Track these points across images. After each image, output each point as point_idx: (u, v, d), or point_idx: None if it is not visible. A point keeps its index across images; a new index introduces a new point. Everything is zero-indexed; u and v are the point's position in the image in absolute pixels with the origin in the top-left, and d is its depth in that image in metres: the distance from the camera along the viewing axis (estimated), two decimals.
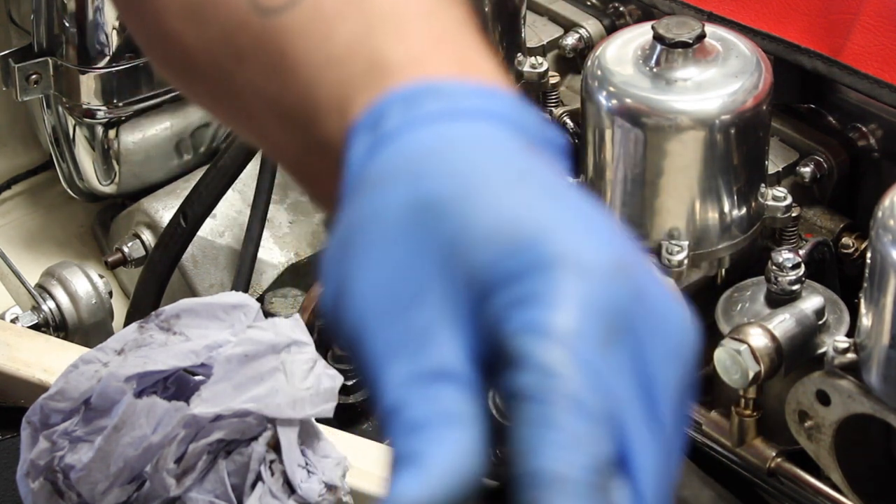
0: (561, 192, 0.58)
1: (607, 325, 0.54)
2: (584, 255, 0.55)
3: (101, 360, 1.08)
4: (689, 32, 1.18)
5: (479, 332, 0.55)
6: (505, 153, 0.59)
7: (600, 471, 0.52)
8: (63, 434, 1.05)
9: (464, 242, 0.55)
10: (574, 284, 0.54)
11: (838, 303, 1.18)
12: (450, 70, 0.62)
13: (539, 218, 0.55)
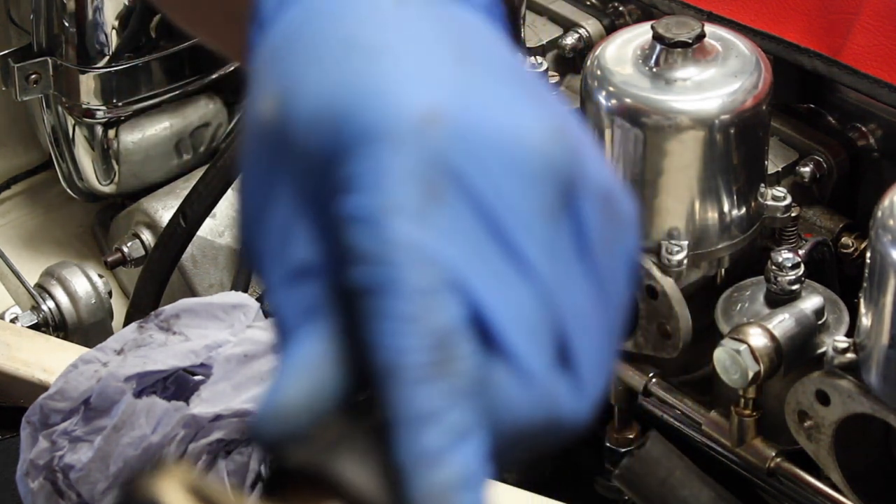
0: (431, 48, 0.53)
1: (428, 185, 0.49)
2: (404, 112, 0.50)
3: (100, 360, 1.08)
4: (689, 32, 1.18)
5: (329, 223, 0.51)
6: (379, 14, 0.54)
7: (442, 346, 0.49)
8: (63, 434, 1.05)
9: (292, 129, 0.52)
10: (388, 153, 0.50)
11: (838, 303, 1.18)
12: None
13: (365, 82, 0.51)
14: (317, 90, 0.52)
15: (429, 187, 0.50)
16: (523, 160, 0.51)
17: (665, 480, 1.25)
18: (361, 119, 0.50)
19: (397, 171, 0.50)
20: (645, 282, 1.20)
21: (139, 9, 1.50)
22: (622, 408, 1.34)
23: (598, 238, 0.53)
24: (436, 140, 0.50)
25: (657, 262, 1.20)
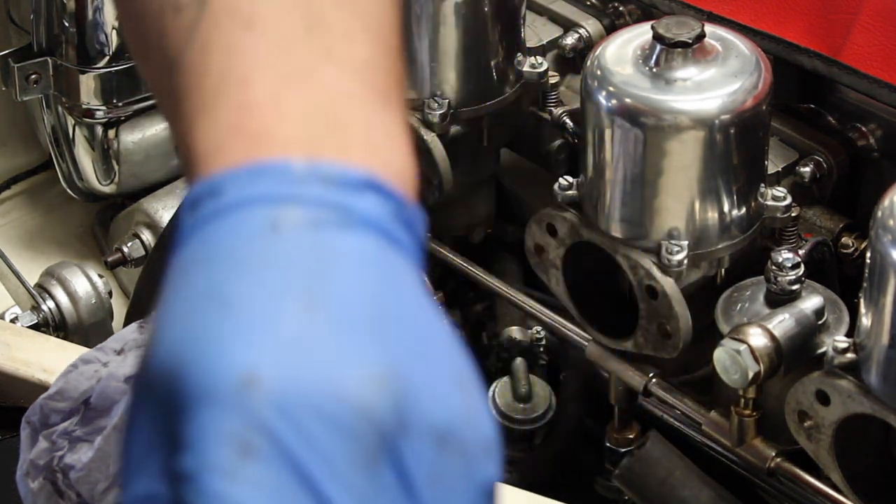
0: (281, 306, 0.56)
1: (242, 445, 0.54)
2: (225, 374, 0.55)
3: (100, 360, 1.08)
4: (689, 32, 1.18)
5: (171, 468, 0.56)
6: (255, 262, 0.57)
7: None
8: (63, 434, 1.05)
9: (149, 373, 0.57)
10: (208, 415, 0.54)
11: (838, 303, 1.18)
12: (245, 151, 0.60)
13: (202, 340, 0.56)
14: (169, 341, 0.57)
15: (243, 446, 0.54)
16: (336, 413, 0.54)
17: (665, 480, 1.25)
18: (191, 378, 0.55)
19: (214, 432, 0.54)
20: (645, 282, 1.20)
21: None
22: (622, 408, 1.34)
23: (430, 477, 0.56)
24: (252, 401, 0.54)
25: (657, 262, 1.20)
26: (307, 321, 0.56)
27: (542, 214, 1.27)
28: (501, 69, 1.42)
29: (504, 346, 1.52)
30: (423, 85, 1.41)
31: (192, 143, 0.62)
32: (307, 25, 0.64)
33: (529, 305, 1.43)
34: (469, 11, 1.38)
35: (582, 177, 1.25)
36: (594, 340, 1.30)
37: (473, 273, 1.48)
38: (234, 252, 0.57)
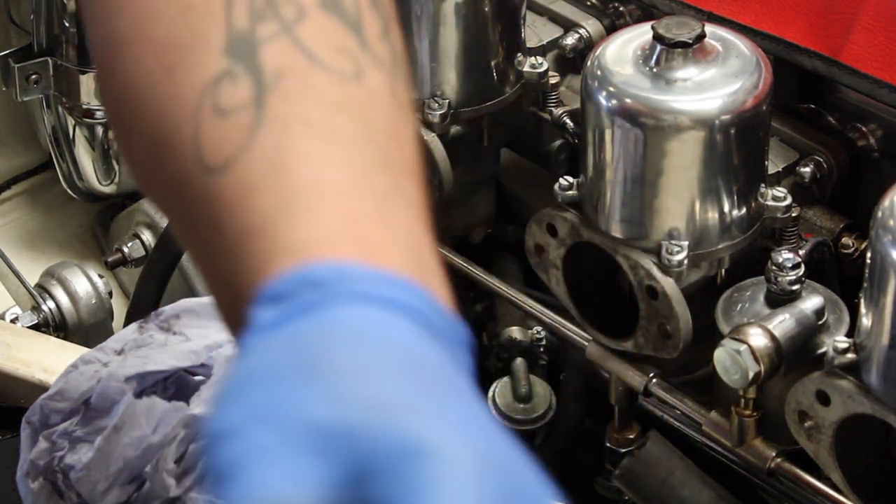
0: (437, 381, 0.59)
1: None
2: (453, 444, 0.55)
3: (100, 361, 1.08)
4: (689, 32, 1.18)
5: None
6: (373, 341, 0.60)
7: None
8: (63, 434, 1.05)
9: (330, 430, 0.56)
10: (448, 478, 0.54)
11: (838, 303, 1.18)
12: (352, 254, 0.63)
13: (398, 404, 0.56)
14: (357, 406, 0.57)
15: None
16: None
17: (665, 481, 1.25)
18: (409, 433, 0.56)
19: (462, 497, 0.54)
20: (645, 282, 1.20)
21: None
22: (622, 408, 1.34)
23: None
24: (495, 483, 0.55)
25: (657, 262, 1.20)
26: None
27: (542, 214, 1.27)
28: (501, 69, 1.42)
29: (504, 346, 1.51)
30: (423, 85, 1.41)
31: (269, 240, 0.63)
32: (377, 150, 0.67)
33: (529, 305, 1.43)
34: (469, 11, 1.38)
35: (582, 177, 1.25)
36: (594, 340, 1.30)
37: (473, 273, 1.48)
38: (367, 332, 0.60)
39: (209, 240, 0.67)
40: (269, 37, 0.68)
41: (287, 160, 0.65)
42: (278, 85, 0.66)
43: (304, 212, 0.64)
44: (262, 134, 0.66)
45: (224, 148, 0.66)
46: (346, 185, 0.65)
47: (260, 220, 0.64)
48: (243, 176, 0.65)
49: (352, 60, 0.69)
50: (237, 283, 0.65)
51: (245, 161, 0.65)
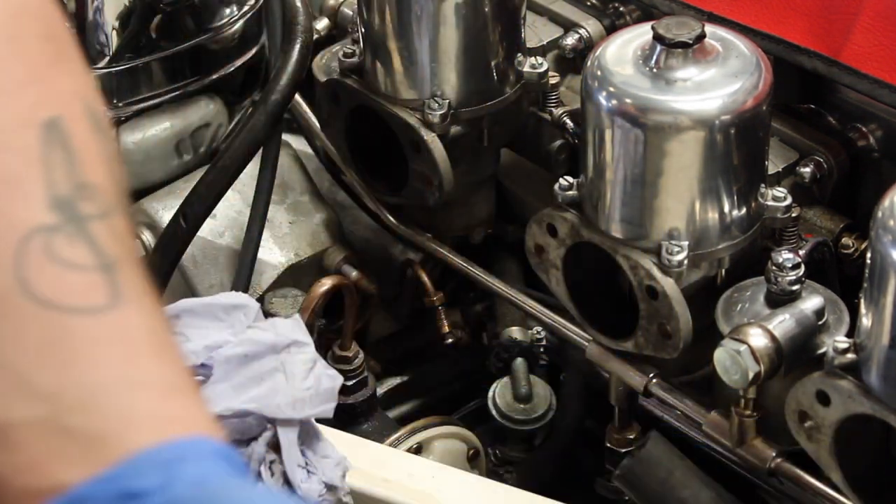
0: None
1: None
2: None
3: None
4: (689, 32, 1.18)
5: None
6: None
7: None
8: None
9: None
10: None
11: (838, 303, 1.18)
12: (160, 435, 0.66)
13: None
14: None
15: None
16: None
17: (665, 481, 1.25)
18: None
19: None
20: (645, 282, 1.20)
21: (139, 9, 1.50)
22: (622, 408, 1.34)
23: None
24: None
25: (657, 262, 1.20)
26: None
27: (542, 214, 1.27)
28: (502, 69, 1.42)
29: (504, 347, 1.52)
30: (424, 85, 1.41)
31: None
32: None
33: (529, 305, 1.43)
34: (469, 12, 1.38)
35: (582, 177, 1.25)
36: (594, 341, 1.30)
37: (473, 273, 1.48)
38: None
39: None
40: (92, 216, 0.71)
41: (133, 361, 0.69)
42: (119, 268, 0.71)
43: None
44: (123, 307, 0.69)
45: (73, 296, 0.68)
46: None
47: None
48: (106, 333, 0.68)
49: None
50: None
51: (109, 320, 0.69)
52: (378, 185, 1.52)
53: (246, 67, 1.58)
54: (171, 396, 0.68)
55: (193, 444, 0.66)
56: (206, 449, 0.66)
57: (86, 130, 0.74)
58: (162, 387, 0.68)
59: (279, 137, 1.48)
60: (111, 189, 0.73)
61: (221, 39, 1.56)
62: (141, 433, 0.66)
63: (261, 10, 1.57)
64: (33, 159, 0.71)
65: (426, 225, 1.53)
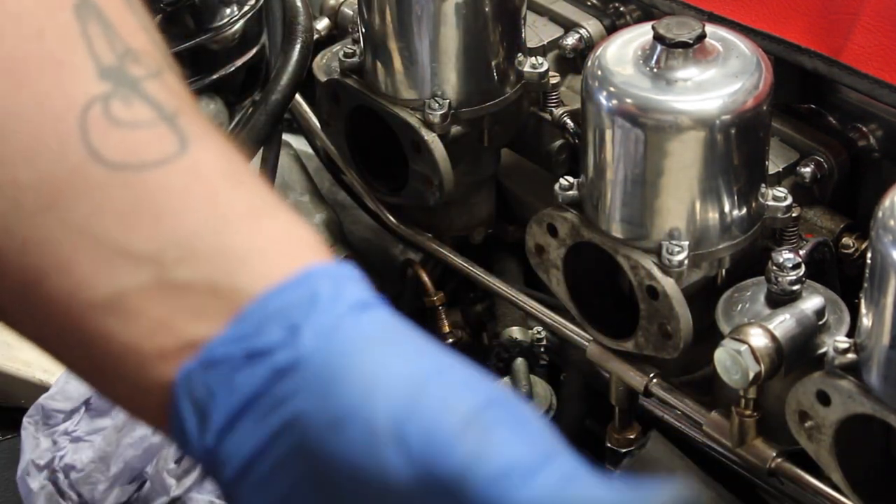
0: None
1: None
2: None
3: None
4: (690, 32, 1.18)
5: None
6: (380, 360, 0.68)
7: None
8: (63, 434, 1.05)
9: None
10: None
11: (839, 303, 1.18)
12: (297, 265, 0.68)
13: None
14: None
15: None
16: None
17: None
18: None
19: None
20: (646, 282, 1.20)
21: None
22: (623, 408, 1.34)
23: None
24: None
25: (658, 262, 1.20)
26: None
27: (542, 214, 1.27)
28: (502, 69, 1.42)
29: (504, 347, 1.51)
30: (424, 85, 1.41)
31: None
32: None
33: (530, 305, 1.43)
34: (470, 11, 1.38)
35: (582, 177, 1.25)
36: (594, 341, 1.30)
37: (473, 273, 1.48)
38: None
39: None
40: (143, 77, 0.72)
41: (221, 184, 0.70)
42: (180, 116, 0.71)
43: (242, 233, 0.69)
44: (192, 150, 0.70)
45: (142, 152, 0.69)
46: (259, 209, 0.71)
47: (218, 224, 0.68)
48: (181, 179, 0.69)
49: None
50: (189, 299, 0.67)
51: (182, 166, 0.69)
52: (378, 185, 1.52)
53: (246, 67, 1.58)
54: (261, 223, 0.69)
55: (306, 278, 0.66)
56: (322, 275, 0.66)
57: (117, 3, 0.74)
58: (249, 216, 0.69)
59: (279, 137, 1.48)
60: (155, 52, 0.74)
61: (222, 39, 1.55)
62: (245, 273, 0.66)
63: (261, 10, 1.57)
64: (73, 36, 0.71)
65: (426, 225, 1.53)
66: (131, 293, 0.66)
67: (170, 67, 0.75)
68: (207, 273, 0.66)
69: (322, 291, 0.67)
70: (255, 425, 0.63)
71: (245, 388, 0.63)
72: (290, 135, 1.65)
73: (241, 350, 0.64)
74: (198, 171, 0.70)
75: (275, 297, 0.65)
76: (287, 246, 0.69)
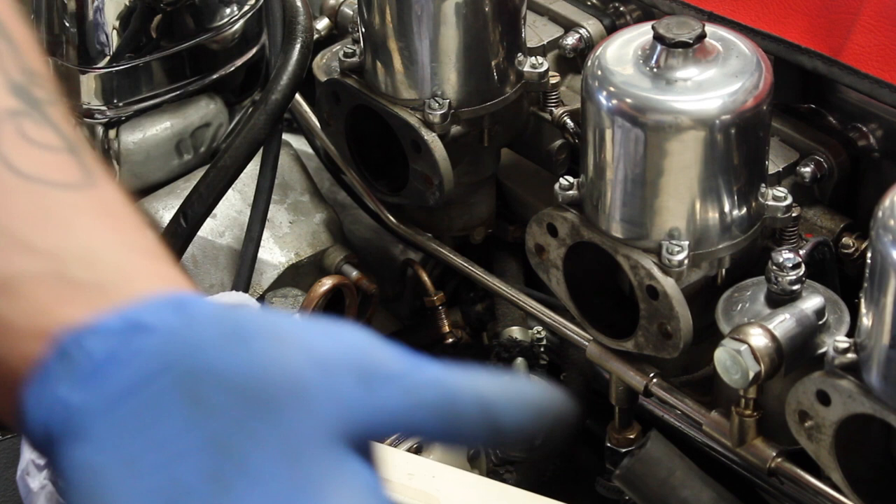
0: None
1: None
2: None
3: None
4: (690, 32, 1.18)
5: None
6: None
7: None
8: None
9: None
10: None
11: (838, 303, 1.18)
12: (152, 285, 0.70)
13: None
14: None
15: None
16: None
17: (666, 481, 1.25)
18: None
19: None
20: (646, 282, 1.20)
21: (140, 9, 1.50)
22: (623, 408, 1.34)
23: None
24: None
25: (658, 262, 1.20)
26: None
27: (542, 214, 1.27)
28: (502, 69, 1.42)
29: (504, 346, 1.52)
30: (424, 85, 1.41)
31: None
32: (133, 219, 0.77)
33: (530, 305, 1.43)
34: (470, 11, 1.38)
35: (582, 177, 1.25)
36: (594, 341, 1.30)
37: (474, 273, 1.48)
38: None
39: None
40: (46, 102, 0.74)
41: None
42: (81, 150, 0.74)
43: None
44: (97, 184, 0.73)
45: (53, 173, 0.71)
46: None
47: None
48: (91, 204, 0.72)
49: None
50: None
51: (91, 195, 0.72)
52: (378, 185, 1.52)
53: (246, 67, 1.59)
54: (163, 261, 0.72)
55: (198, 298, 0.68)
56: (208, 301, 0.69)
57: (15, 18, 0.77)
58: (152, 252, 0.72)
59: (279, 137, 1.49)
60: (49, 77, 0.77)
61: (221, 39, 1.56)
62: (143, 285, 0.69)
63: (261, 10, 1.57)
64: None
65: (426, 225, 1.53)
66: (25, 278, 0.68)
67: (59, 95, 0.77)
68: (101, 277, 0.68)
69: (190, 298, 0.69)
70: (121, 368, 0.65)
71: (108, 343, 0.66)
72: (290, 135, 1.65)
73: (122, 322, 0.66)
74: (105, 203, 0.72)
75: (162, 297, 0.68)
76: (182, 284, 0.71)
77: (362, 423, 0.64)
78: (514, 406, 0.65)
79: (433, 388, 0.65)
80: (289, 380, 0.63)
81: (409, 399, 0.65)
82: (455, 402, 0.65)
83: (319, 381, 0.64)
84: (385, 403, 0.65)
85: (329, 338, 0.66)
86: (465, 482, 1.21)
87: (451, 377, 0.66)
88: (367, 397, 0.65)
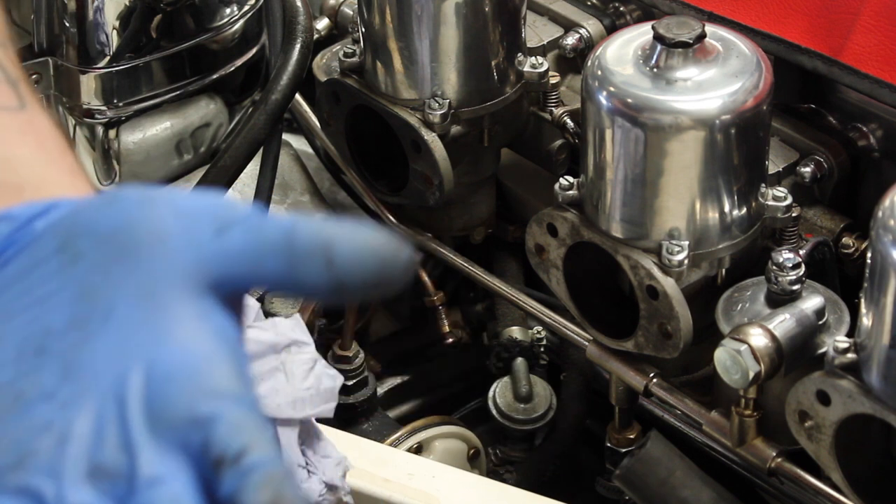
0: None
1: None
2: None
3: None
4: (690, 32, 1.18)
5: None
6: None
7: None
8: None
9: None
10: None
11: (838, 303, 1.18)
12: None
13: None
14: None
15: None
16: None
17: (666, 480, 1.25)
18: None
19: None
20: (646, 282, 1.20)
21: (140, 9, 1.50)
22: (623, 408, 1.34)
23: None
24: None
25: (658, 262, 1.20)
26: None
27: (542, 214, 1.27)
28: (502, 69, 1.42)
29: (505, 346, 1.52)
30: (424, 85, 1.41)
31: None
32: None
33: (530, 305, 1.43)
34: (470, 11, 1.38)
35: (582, 177, 1.25)
36: (594, 341, 1.30)
37: (474, 273, 1.48)
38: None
39: None
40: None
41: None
42: (21, 83, 0.86)
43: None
44: (30, 110, 0.82)
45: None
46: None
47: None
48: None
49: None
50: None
51: (22, 117, 0.81)
52: (378, 185, 1.52)
53: (246, 67, 1.58)
54: (82, 179, 0.79)
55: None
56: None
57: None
58: (73, 170, 0.79)
59: (279, 137, 1.48)
60: (3, 26, 0.89)
61: (221, 39, 1.55)
62: (60, 192, 0.74)
63: (261, 10, 1.57)
64: None
65: (426, 225, 1.53)
66: None
67: (12, 42, 0.89)
68: (17, 180, 0.76)
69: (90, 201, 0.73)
70: (19, 243, 0.70)
71: (12, 227, 0.70)
72: (290, 135, 1.65)
73: (26, 210, 0.70)
74: (34, 125, 0.81)
75: (65, 200, 0.72)
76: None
77: (217, 267, 0.67)
78: (356, 250, 0.66)
79: (276, 229, 0.67)
80: (152, 230, 0.67)
81: (253, 238, 0.67)
82: (296, 240, 0.67)
83: (179, 229, 0.67)
84: (232, 245, 0.67)
85: (196, 197, 0.70)
86: (465, 482, 1.21)
87: (295, 219, 0.68)
88: (219, 241, 0.67)
